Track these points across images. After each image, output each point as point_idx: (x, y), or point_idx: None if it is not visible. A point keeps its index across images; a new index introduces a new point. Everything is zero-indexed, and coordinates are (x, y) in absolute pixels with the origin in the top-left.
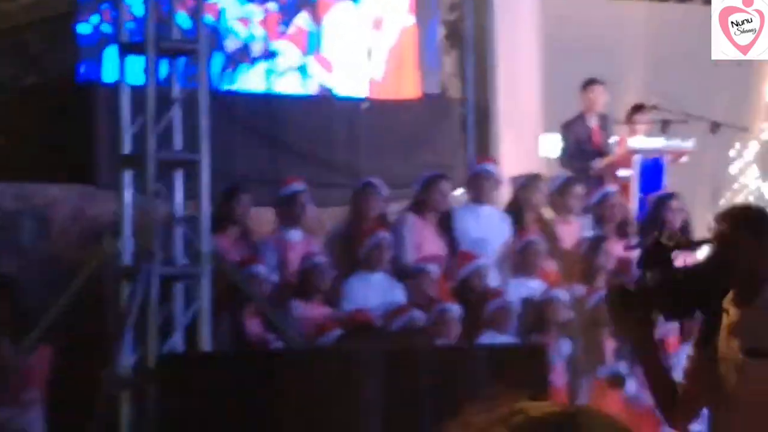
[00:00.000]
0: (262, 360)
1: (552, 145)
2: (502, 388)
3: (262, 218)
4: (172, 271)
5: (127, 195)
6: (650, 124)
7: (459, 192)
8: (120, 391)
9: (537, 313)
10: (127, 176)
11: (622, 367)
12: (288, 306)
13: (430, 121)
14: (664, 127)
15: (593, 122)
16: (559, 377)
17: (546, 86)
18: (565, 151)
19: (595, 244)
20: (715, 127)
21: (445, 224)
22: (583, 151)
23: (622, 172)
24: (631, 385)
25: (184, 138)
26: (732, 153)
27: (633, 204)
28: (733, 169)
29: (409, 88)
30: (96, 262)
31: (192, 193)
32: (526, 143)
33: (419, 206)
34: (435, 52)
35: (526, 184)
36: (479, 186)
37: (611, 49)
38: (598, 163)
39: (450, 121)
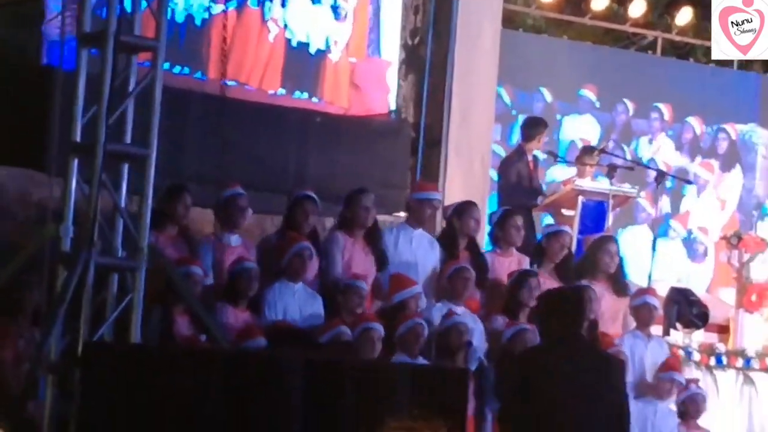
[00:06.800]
0: (187, 358)
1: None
2: (421, 411)
3: (205, 219)
4: (109, 262)
5: (73, 183)
6: (598, 166)
7: (401, 213)
8: (46, 374)
9: (442, 338)
10: (75, 164)
11: None
12: (215, 308)
13: (381, 139)
14: (611, 171)
15: (531, 158)
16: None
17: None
18: (505, 187)
19: (522, 278)
20: (660, 176)
21: (372, 239)
22: (523, 188)
23: (565, 212)
24: None
25: (135, 132)
26: None
27: (572, 244)
28: None
29: (367, 107)
30: (36, 246)
31: (138, 187)
32: (475, 173)
33: (346, 223)
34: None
35: (459, 211)
36: (419, 212)
37: None
38: (542, 201)
39: (401, 141)
